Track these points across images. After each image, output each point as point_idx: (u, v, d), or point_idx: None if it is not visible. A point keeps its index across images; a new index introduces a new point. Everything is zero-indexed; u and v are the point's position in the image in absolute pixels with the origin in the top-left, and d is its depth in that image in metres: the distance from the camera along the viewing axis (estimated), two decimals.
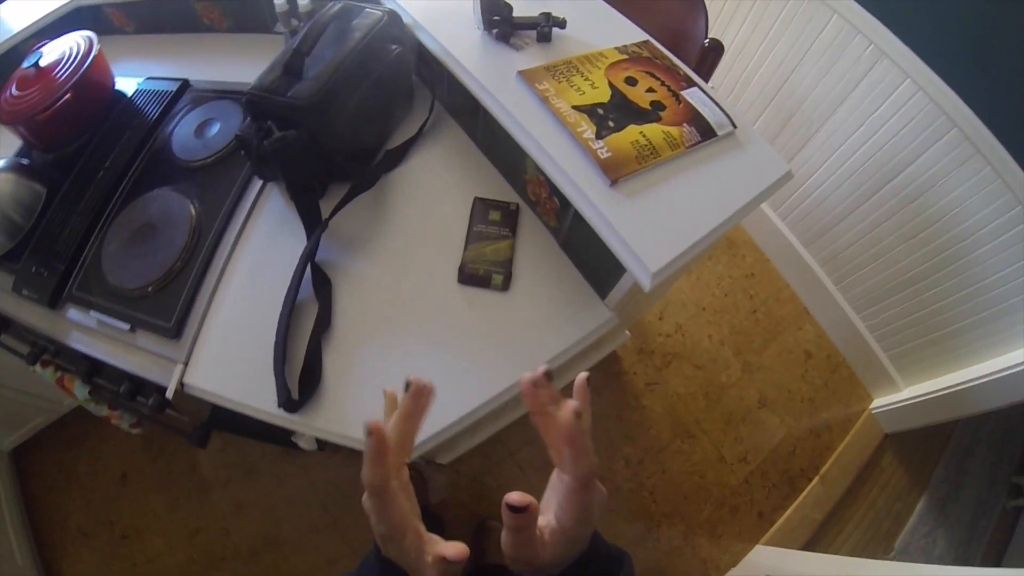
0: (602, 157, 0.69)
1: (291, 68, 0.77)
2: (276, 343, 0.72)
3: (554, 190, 0.75)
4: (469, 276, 0.80)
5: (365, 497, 0.35)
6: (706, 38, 1.02)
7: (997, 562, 1.54)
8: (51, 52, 0.96)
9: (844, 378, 1.79)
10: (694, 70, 0.90)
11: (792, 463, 1.65)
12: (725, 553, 1.53)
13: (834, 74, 1.42)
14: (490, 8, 0.83)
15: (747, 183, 0.75)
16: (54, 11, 1.12)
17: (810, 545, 1.55)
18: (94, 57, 0.96)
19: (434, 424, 0.71)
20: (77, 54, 0.95)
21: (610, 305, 0.80)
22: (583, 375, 0.39)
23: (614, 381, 1.71)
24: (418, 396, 0.37)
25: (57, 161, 0.99)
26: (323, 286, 0.78)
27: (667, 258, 0.65)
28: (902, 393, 1.63)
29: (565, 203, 0.73)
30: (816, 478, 1.63)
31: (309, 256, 0.76)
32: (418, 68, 0.97)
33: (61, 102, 0.92)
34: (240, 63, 1.08)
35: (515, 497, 0.32)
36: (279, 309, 0.76)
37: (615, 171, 0.68)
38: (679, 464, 1.62)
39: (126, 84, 1.08)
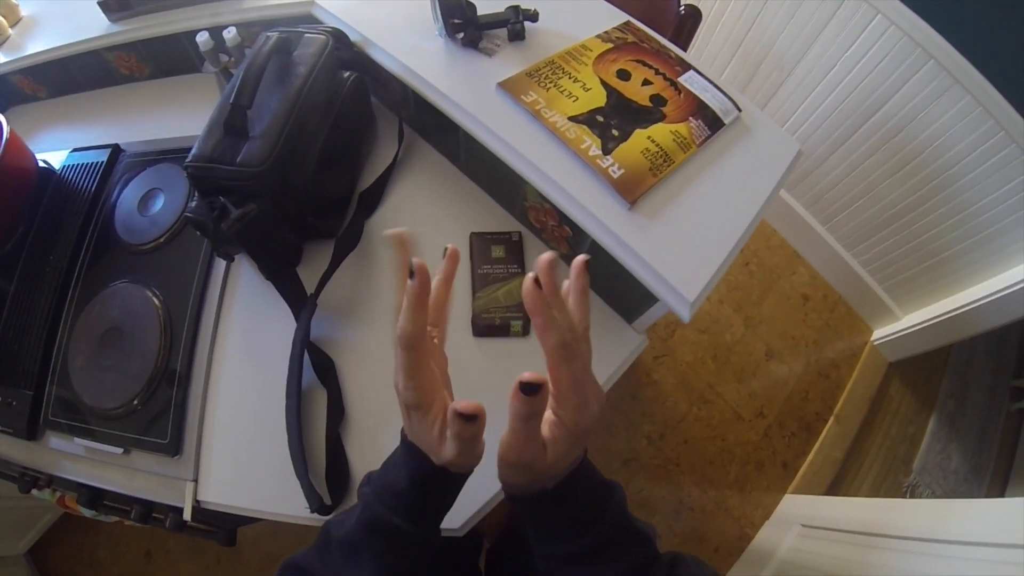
0: (615, 176, 0.62)
1: (233, 127, 0.66)
2: (292, 447, 0.64)
3: (564, 218, 0.67)
4: (485, 328, 0.72)
5: (397, 360, 0.35)
6: (681, 5, 0.94)
7: (1009, 464, 1.61)
8: None
9: (843, 315, 1.81)
10: (672, 40, 0.83)
11: (806, 408, 1.68)
12: (757, 508, 1.56)
13: (802, 14, 1.36)
14: (451, 10, 0.73)
15: (764, 173, 0.70)
16: None
17: (835, 483, 1.59)
18: (6, 142, 0.84)
19: (474, 499, 0.64)
20: None
21: (639, 329, 0.74)
22: (582, 257, 0.38)
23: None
24: (455, 258, 0.43)
25: None
26: (326, 369, 0.69)
27: (704, 281, 0.59)
28: (901, 322, 1.65)
29: (578, 230, 0.66)
30: (831, 419, 1.66)
31: (303, 342, 0.67)
32: (376, 88, 0.87)
33: None
34: (171, 113, 0.96)
35: (529, 375, 0.31)
36: (282, 398, 0.68)
37: (632, 191, 0.61)
38: (699, 431, 1.62)
39: (52, 158, 0.96)
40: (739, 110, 0.74)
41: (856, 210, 1.58)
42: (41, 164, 0.94)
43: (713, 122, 0.70)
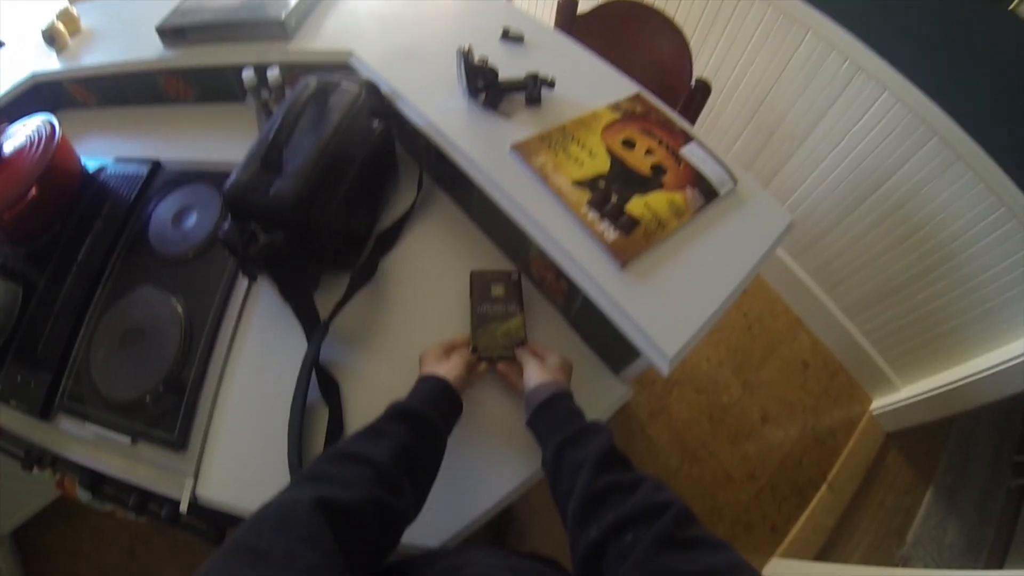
0: (609, 240, 0.67)
1: (269, 162, 0.73)
2: (290, 457, 0.68)
3: (561, 273, 0.72)
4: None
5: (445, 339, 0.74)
6: (692, 79, 1.00)
7: (1007, 542, 1.57)
8: (11, 141, 0.90)
9: (843, 383, 1.81)
10: (681, 112, 0.89)
11: (800, 473, 1.67)
12: None
13: (812, 90, 1.42)
14: (475, 74, 0.80)
15: (753, 242, 0.74)
16: (12, 88, 1.07)
17: (825, 551, 1.56)
18: (58, 144, 0.91)
19: (465, 514, 0.69)
20: (39, 143, 0.90)
21: (624, 380, 0.78)
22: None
23: (618, 414, 1.68)
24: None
25: (30, 255, 0.94)
26: (331, 390, 0.74)
27: (684, 339, 0.63)
28: (900, 393, 1.65)
29: (573, 285, 0.71)
30: (824, 485, 1.64)
31: (312, 363, 0.72)
32: (401, 137, 0.93)
33: (28, 199, 0.87)
34: (211, 137, 1.04)
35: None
36: (286, 411, 0.72)
37: (624, 253, 0.66)
38: (690, 489, 1.62)
39: (93, 164, 1.03)
40: (735, 181, 0.79)
41: (859, 279, 1.60)
42: (85, 168, 1.01)
43: (709, 192, 0.75)
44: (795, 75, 1.44)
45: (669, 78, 1.05)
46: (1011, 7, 1.01)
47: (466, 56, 0.78)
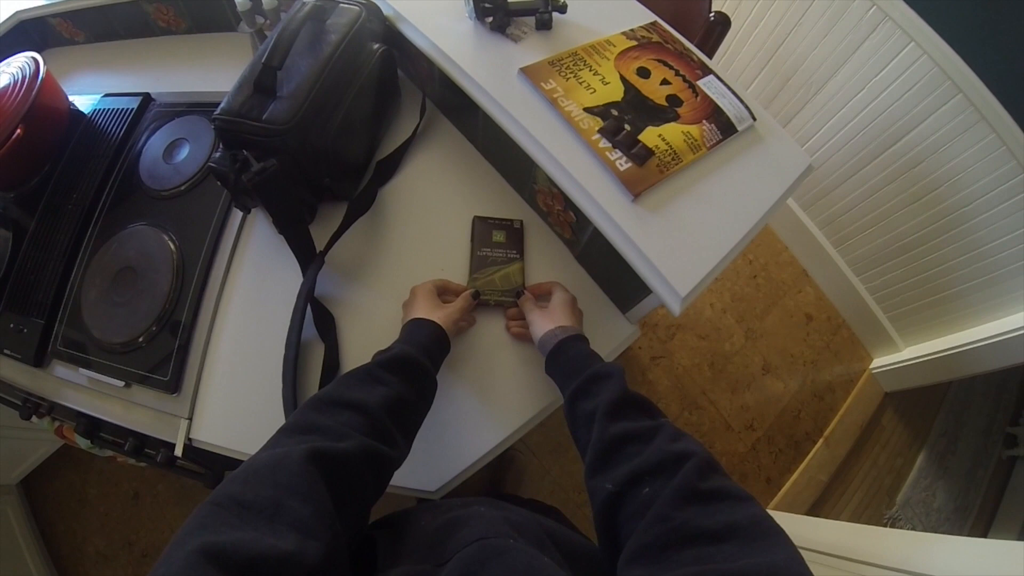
0: (621, 169, 0.63)
1: (262, 85, 0.69)
2: (285, 396, 0.66)
3: (569, 203, 0.69)
4: (478, 307, 0.75)
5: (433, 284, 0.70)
6: (711, 11, 0.95)
7: (993, 510, 1.61)
8: None
9: (845, 339, 1.80)
10: (699, 45, 0.84)
11: (797, 427, 1.68)
12: None
13: (834, 36, 1.36)
14: None
15: (770, 183, 0.71)
16: None
17: (817, 505, 1.59)
18: (42, 82, 0.86)
19: (463, 458, 0.68)
20: (23, 82, 0.85)
21: (632, 320, 0.76)
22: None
23: (619, 357, 1.70)
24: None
25: (19, 199, 0.91)
26: (326, 324, 0.72)
27: (696, 279, 0.61)
28: (902, 353, 1.64)
29: (582, 217, 0.68)
30: (820, 440, 1.66)
31: (308, 296, 0.70)
32: (403, 62, 0.88)
33: (12, 139, 0.83)
34: (204, 68, 0.99)
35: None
36: (281, 349, 0.71)
37: (636, 184, 0.63)
38: None
39: (83, 102, 0.99)
40: (754, 119, 0.75)
41: (869, 236, 1.57)
42: (73, 106, 0.97)
43: (726, 127, 0.72)
44: (818, 18, 1.37)
45: (686, 8, 0.99)
46: None
47: None
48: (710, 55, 0.96)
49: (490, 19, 0.75)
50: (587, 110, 0.67)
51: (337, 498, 0.36)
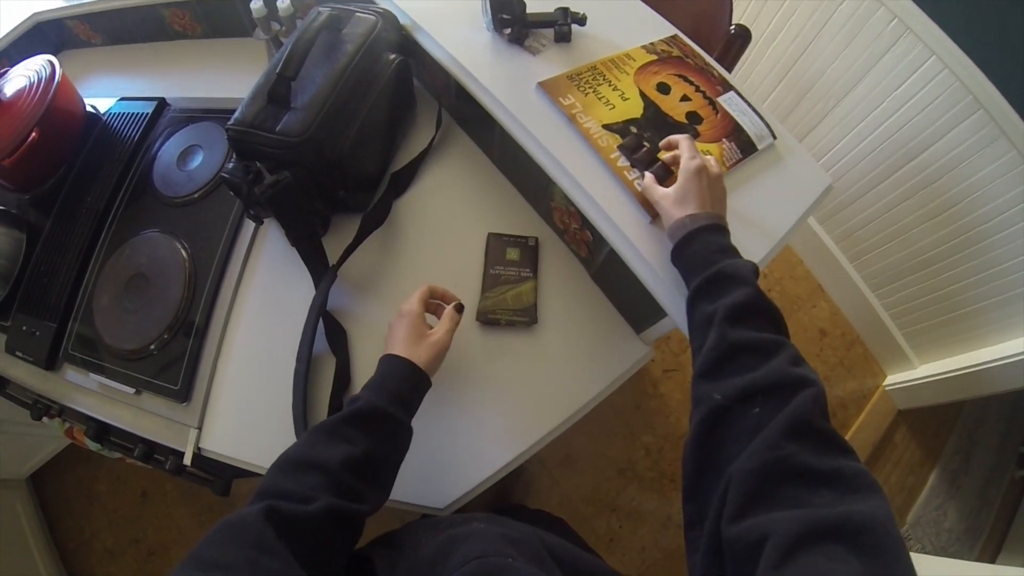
0: (640, 189, 0.62)
1: (276, 96, 0.68)
2: (295, 408, 0.66)
3: (586, 222, 0.68)
4: (489, 325, 0.74)
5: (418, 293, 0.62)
6: (731, 24, 0.93)
7: (1004, 531, 1.58)
8: (10, 84, 0.87)
9: (859, 355, 1.78)
10: (718, 59, 0.82)
11: None
12: None
13: (854, 48, 1.34)
14: (500, 6, 0.73)
15: (789, 204, 0.70)
16: (14, 30, 1.04)
17: None
18: (58, 85, 0.86)
19: (473, 476, 0.67)
20: (39, 85, 0.86)
21: (647, 340, 0.74)
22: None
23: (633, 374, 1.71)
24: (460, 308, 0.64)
25: (34, 201, 0.92)
26: (338, 338, 0.71)
27: None
28: (917, 371, 1.62)
29: (599, 236, 0.67)
30: None
31: (320, 310, 0.69)
32: (419, 72, 0.88)
33: (28, 142, 0.84)
34: (219, 74, 0.99)
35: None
36: (292, 361, 0.70)
37: None
38: None
39: (99, 104, 1.00)
40: (774, 137, 0.73)
41: (885, 251, 1.55)
42: (89, 109, 0.98)
43: (746, 146, 0.70)
44: (838, 30, 1.35)
45: (707, 21, 0.98)
46: None
47: None
48: (730, 68, 0.95)
49: (508, 31, 0.74)
50: (606, 127, 0.66)
51: (304, 559, 0.36)
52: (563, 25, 0.74)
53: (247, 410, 0.72)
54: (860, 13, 1.28)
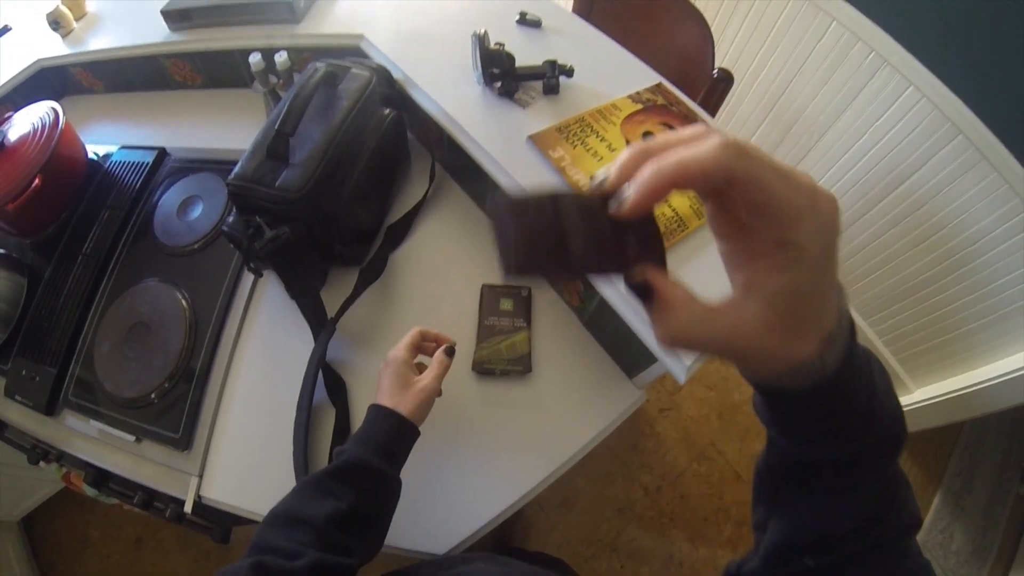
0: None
1: (275, 152, 0.70)
2: (296, 458, 0.67)
3: None
4: (485, 375, 0.75)
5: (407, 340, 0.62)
6: (714, 68, 0.97)
7: (1013, 549, 1.56)
8: (14, 129, 0.88)
9: None
10: (703, 102, 0.85)
11: None
12: None
13: (835, 82, 1.38)
14: (491, 60, 0.76)
15: None
16: (18, 75, 1.05)
17: None
18: (61, 132, 0.88)
19: (472, 522, 0.67)
20: (42, 131, 0.87)
21: (639, 384, 0.75)
22: None
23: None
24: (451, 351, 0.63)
25: (35, 246, 0.93)
26: (337, 389, 0.72)
27: None
28: (913, 395, 1.62)
29: (589, 285, 0.68)
30: None
31: (319, 362, 0.70)
32: (412, 124, 0.90)
33: (31, 189, 0.85)
34: (218, 125, 1.01)
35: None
36: (292, 410, 0.71)
37: None
38: (697, 487, 1.60)
39: (100, 151, 1.02)
40: None
41: (875, 279, 1.57)
42: (91, 156, 0.99)
43: None
44: (818, 66, 1.40)
45: (690, 66, 1.01)
46: None
47: (482, 41, 0.75)
48: (714, 111, 0.98)
49: (498, 84, 0.76)
50: None
51: None
52: (551, 78, 0.76)
53: (248, 459, 0.73)
54: (839, 48, 1.33)
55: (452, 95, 0.77)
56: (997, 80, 1.11)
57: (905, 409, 1.36)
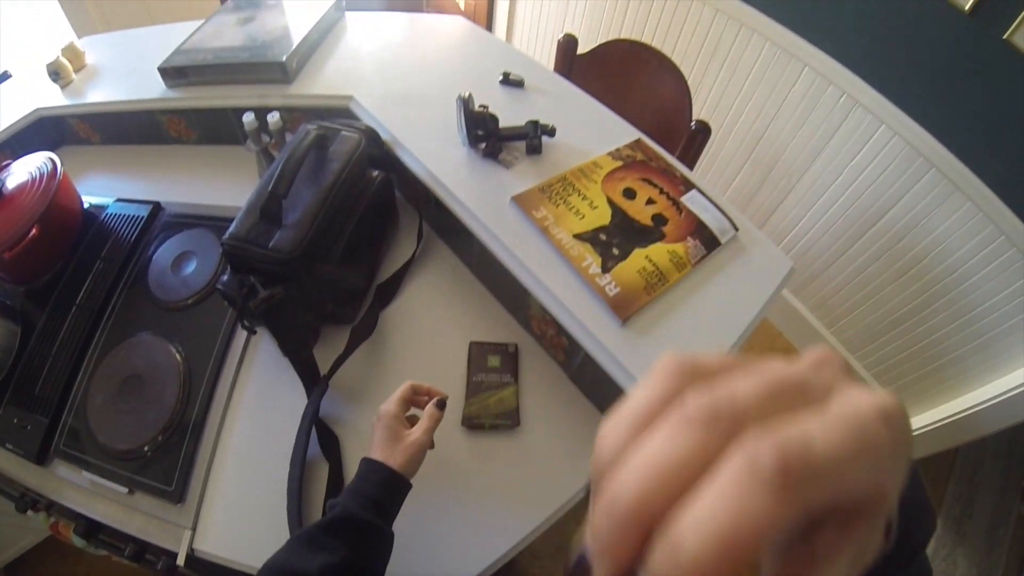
0: (611, 295, 0.66)
1: (269, 213, 0.72)
2: (290, 512, 0.67)
3: (562, 328, 0.71)
4: (474, 430, 0.77)
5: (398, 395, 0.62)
6: (692, 120, 1.01)
7: (1019, 569, 1.55)
8: (13, 178, 0.90)
9: None
10: (682, 153, 0.88)
11: None
12: None
13: (810, 125, 1.43)
14: (475, 122, 0.80)
15: (755, 290, 0.74)
16: (17, 122, 1.07)
17: None
18: (59, 183, 0.90)
19: (466, 572, 0.68)
20: (40, 181, 0.89)
21: None
22: None
23: None
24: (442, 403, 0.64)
25: (30, 294, 0.93)
26: (330, 444, 0.73)
27: None
28: None
29: (575, 342, 0.70)
30: None
31: (312, 418, 0.72)
32: (401, 185, 0.93)
33: (28, 238, 0.86)
34: (212, 181, 1.04)
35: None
36: (286, 464, 0.72)
37: (625, 309, 0.66)
38: None
39: (96, 202, 1.03)
40: (736, 229, 0.79)
41: (860, 314, 1.60)
42: (86, 207, 1.01)
43: (710, 241, 0.75)
44: (793, 110, 1.45)
45: (669, 119, 1.05)
46: (1005, 36, 1.02)
47: (466, 104, 0.78)
48: (693, 161, 1.01)
49: (483, 145, 0.79)
50: (577, 236, 0.71)
51: None
52: (534, 138, 0.80)
53: (242, 512, 0.73)
54: (811, 93, 1.38)
55: (438, 156, 0.80)
56: (965, 113, 1.16)
57: None
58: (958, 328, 1.37)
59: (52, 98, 1.09)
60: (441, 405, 0.64)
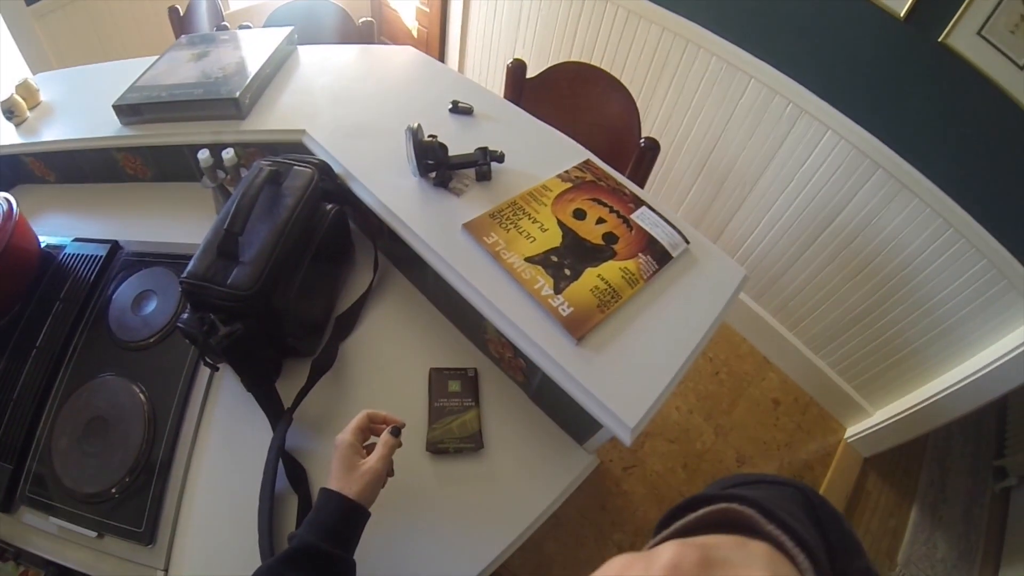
0: (564, 315, 0.68)
1: (225, 250, 0.73)
2: (262, 547, 0.67)
3: (519, 350, 0.73)
4: (439, 455, 0.78)
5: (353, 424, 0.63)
6: (641, 137, 1.04)
7: (998, 546, 1.59)
8: None
9: (815, 416, 1.83)
10: (633, 170, 0.91)
11: None
12: None
13: (759, 135, 1.49)
14: (424, 152, 0.81)
15: (709, 301, 0.77)
16: None
17: None
18: (15, 224, 0.89)
19: None
20: None
21: (590, 449, 0.78)
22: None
23: (592, 472, 1.69)
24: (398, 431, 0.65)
25: None
26: (298, 476, 0.74)
27: (645, 407, 0.65)
28: (873, 418, 1.68)
29: (532, 362, 0.72)
30: None
31: (278, 451, 0.72)
32: (355, 216, 0.94)
33: None
34: (169, 218, 1.04)
35: None
36: (255, 499, 0.72)
37: (579, 328, 0.68)
38: None
39: (53, 242, 1.01)
40: (687, 242, 0.81)
41: (821, 314, 1.65)
42: (44, 246, 0.99)
43: (662, 256, 0.78)
44: (741, 122, 1.51)
45: (619, 137, 1.08)
46: (940, 39, 1.08)
47: (415, 134, 0.79)
48: (644, 177, 1.05)
49: (433, 175, 0.81)
50: (528, 259, 0.73)
51: None
52: (483, 165, 0.82)
53: (214, 549, 0.72)
54: (758, 104, 1.44)
55: (390, 187, 0.81)
56: (906, 114, 1.22)
57: (867, 432, 1.40)
58: (916, 320, 1.43)
59: (6, 136, 1.07)
60: (396, 432, 0.64)
